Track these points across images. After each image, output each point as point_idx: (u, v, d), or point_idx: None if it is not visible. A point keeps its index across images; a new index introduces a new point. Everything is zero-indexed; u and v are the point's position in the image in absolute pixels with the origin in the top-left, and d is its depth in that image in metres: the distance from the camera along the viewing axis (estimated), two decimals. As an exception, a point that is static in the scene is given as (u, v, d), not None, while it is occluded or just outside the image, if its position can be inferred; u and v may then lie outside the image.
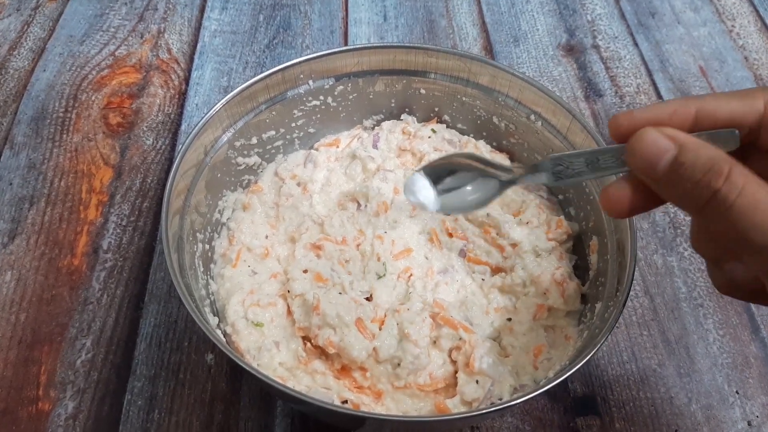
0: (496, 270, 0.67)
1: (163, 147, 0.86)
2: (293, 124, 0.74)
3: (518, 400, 0.49)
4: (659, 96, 0.94)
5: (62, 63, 0.96)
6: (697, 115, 0.39)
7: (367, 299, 0.63)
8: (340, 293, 0.62)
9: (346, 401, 0.58)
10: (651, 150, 0.38)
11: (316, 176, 0.73)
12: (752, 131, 0.40)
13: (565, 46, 1.02)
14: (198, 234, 0.65)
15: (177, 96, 0.93)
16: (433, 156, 0.74)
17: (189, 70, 0.96)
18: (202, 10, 1.05)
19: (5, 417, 0.63)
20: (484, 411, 0.51)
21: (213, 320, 0.61)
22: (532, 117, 0.70)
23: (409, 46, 0.71)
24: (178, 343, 0.69)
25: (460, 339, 0.61)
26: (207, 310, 0.60)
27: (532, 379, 0.59)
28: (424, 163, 0.72)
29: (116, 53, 0.98)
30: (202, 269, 0.65)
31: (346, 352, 0.59)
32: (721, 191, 0.35)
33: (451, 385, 0.61)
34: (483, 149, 0.74)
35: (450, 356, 0.61)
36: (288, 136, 0.75)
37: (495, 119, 0.74)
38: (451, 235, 0.68)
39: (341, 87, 0.73)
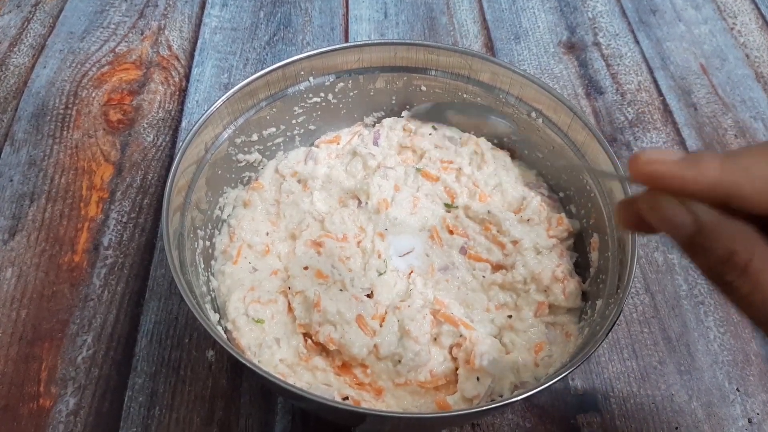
0: (497, 267, 0.67)
1: (164, 144, 0.86)
2: (294, 121, 0.74)
3: (519, 397, 0.49)
4: (660, 93, 0.94)
5: (62, 60, 0.96)
6: (728, 197, 0.32)
7: (368, 296, 0.63)
8: (340, 290, 0.62)
9: (346, 398, 0.58)
10: (668, 221, 0.34)
11: (317, 173, 0.73)
12: None
13: (566, 44, 1.02)
14: (198, 231, 0.65)
15: (177, 93, 0.93)
16: (434, 153, 0.74)
17: (189, 67, 0.96)
18: (202, 7, 1.05)
19: (6, 413, 0.63)
20: (484, 408, 0.50)
21: (214, 317, 0.61)
22: (533, 114, 0.70)
23: (410, 43, 0.71)
24: (179, 340, 0.69)
25: (461, 336, 0.61)
26: (208, 306, 0.60)
27: (532, 376, 0.59)
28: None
29: (116, 50, 0.98)
30: (202, 266, 0.65)
31: (347, 348, 0.59)
32: (734, 284, 0.33)
33: (451, 382, 0.61)
34: (484, 147, 0.74)
35: (450, 353, 0.61)
36: (288, 133, 0.75)
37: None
38: (451, 233, 0.68)
39: (342, 84, 0.73)
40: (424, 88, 0.75)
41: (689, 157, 0.33)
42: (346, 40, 1.01)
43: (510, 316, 0.64)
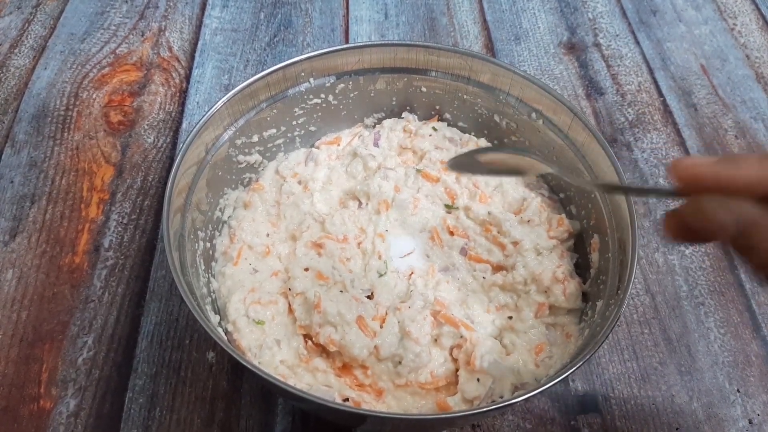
0: (498, 268, 0.67)
1: (164, 145, 0.86)
2: (294, 122, 0.74)
3: (519, 399, 0.49)
4: (660, 94, 0.94)
5: (63, 61, 0.96)
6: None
7: (368, 297, 0.63)
8: (341, 291, 0.62)
9: (347, 399, 0.58)
10: (712, 222, 0.34)
11: (317, 174, 0.73)
12: None
13: (567, 44, 1.02)
14: (199, 232, 0.65)
15: (178, 94, 0.93)
16: (434, 154, 0.74)
17: (190, 68, 0.96)
18: (203, 8, 1.05)
19: (7, 415, 0.63)
20: (485, 409, 0.50)
21: (214, 318, 0.61)
22: (534, 115, 0.70)
23: (410, 43, 0.71)
24: (179, 341, 0.69)
25: (461, 337, 0.61)
26: (208, 308, 0.60)
27: (533, 377, 0.59)
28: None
29: (117, 51, 0.98)
30: (203, 267, 0.65)
31: (347, 350, 0.59)
32: None
33: (452, 383, 0.61)
34: (484, 147, 0.74)
35: (451, 354, 0.61)
36: (289, 134, 0.75)
37: (496, 117, 0.74)
38: (452, 234, 0.68)
39: (342, 85, 0.73)
40: (424, 89, 0.75)
41: (727, 157, 0.34)
42: (347, 42, 1.01)
43: (510, 317, 0.64)
